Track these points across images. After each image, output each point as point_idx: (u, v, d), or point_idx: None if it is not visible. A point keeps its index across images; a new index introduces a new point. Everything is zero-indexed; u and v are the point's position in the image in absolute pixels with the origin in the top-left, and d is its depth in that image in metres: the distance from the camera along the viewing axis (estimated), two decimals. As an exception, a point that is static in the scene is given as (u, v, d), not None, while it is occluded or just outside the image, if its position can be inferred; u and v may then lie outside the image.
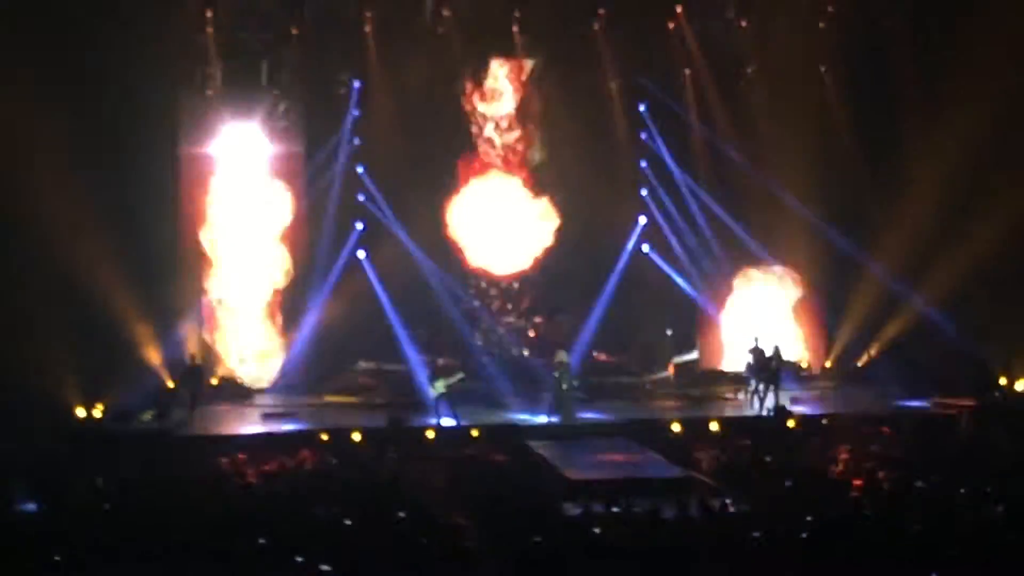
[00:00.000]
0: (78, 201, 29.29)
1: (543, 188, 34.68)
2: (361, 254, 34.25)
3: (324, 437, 26.30)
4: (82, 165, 29.38)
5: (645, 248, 35.34)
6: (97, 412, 28.98)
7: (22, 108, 28.12)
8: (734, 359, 33.83)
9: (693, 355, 34.02)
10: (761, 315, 33.82)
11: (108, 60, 30.50)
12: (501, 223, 34.36)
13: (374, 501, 18.87)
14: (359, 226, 34.47)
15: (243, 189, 33.81)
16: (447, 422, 28.18)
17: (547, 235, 34.28)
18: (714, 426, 27.17)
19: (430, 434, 27.06)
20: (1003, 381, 31.37)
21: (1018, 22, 30.00)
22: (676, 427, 27.28)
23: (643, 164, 35.93)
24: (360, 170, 34.79)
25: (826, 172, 34.07)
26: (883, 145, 34.55)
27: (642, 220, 35.45)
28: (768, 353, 30.31)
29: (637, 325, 34.90)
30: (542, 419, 29.06)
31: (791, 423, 27.37)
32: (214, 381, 32.27)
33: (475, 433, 27.01)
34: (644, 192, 35.67)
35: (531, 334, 34.74)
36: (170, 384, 31.35)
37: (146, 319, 31.44)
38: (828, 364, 34.69)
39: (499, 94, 35.45)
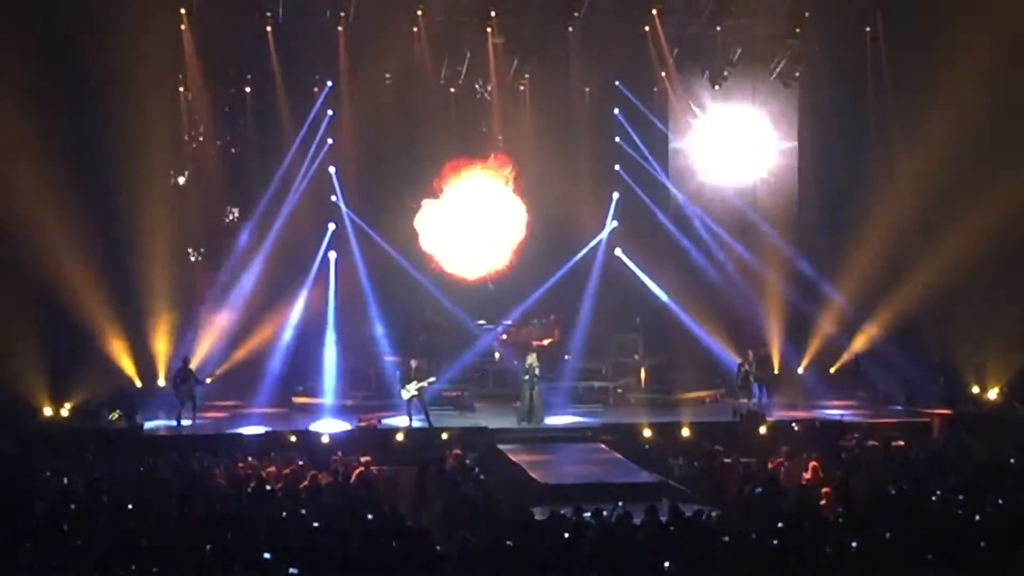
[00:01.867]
0: (46, 195, 29.12)
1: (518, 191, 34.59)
2: (332, 255, 34.14)
3: (292, 439, 26.20)
4: (50, 159, 29.17)
5: (617, 251, 35.27)
6: (64, 410, 28.85)
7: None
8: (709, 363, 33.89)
9: (662, 359, 33.98)
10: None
11: (82, 55, 30.31)
12: (475, 226, 34.24)
13: (343, 504, 18.82)
14: (332, 227, 34.37)
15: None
16: (418, 424, 28.21)
17: (519, 234, 34.22)
18: (685, 431, 27.15)
19: (400, 436, 26.99)
20: (975, 390, 31.54)
21: (993, 40, 30.17)
22: (647, 432, 27.25)
23: (617, 167, 35.95)
24: (332, 170, 34.66)
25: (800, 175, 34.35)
26: (859, 148, 34.77)
27: (612, 224, 35.41)
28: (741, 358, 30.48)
29: (608, 329, 34.84)
30: (513, 423, 29.08)
31: (762, 429, 27.38)
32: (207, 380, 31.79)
33: (445, 436, 26.94)
34: (616, 195, 35.60)
35: (504, 337, 34.57)
36: (161, 382, 31.31)
37: (115, 316, 31.27)
38: (801, 369, 34.68)
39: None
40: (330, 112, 34.56)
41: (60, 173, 29.43)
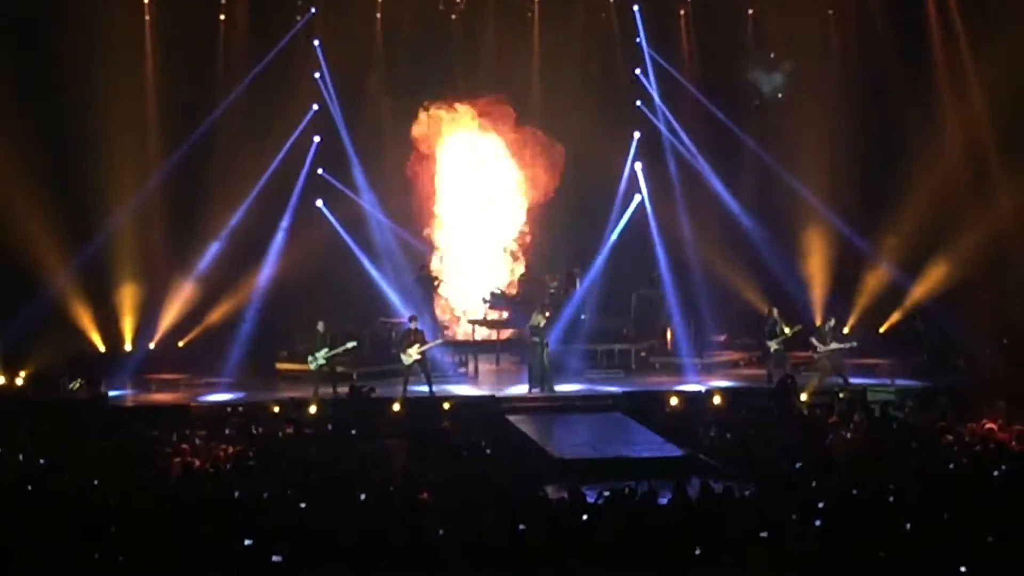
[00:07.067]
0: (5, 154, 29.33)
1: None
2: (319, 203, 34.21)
3: (275, 409, 26.24)
4: (7, 113, 29.34)
5: (638, 197, 35.25)
6: (19, 379, 28.92)
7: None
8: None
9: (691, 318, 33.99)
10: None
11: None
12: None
13: (332, 482, 18.84)
14: (316, 139, 34.57)
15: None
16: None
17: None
18: (717, 399, 27.18)
19: (396, 406, 26.99)
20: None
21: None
22: (674, 400, 27.27)
23: (639, 103, 35.88)
24: (315, 107, 34.62)
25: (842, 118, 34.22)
26: (902, 85, 34.68)
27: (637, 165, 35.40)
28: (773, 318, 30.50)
29: (630, 285, 34.82)
30: (523, 390, 29.10)
31: (804, 396, 27.35)
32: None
33: (447, 405, 26.97)
34: (637, 134, 35.58)
35: (512, 292, 34.62)
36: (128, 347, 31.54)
37: (78, 275, 31.33)
38: (847, 329, 34.61)
39: None
40: (315, 41, 34.53)
41: (19, 122, 29.63)
